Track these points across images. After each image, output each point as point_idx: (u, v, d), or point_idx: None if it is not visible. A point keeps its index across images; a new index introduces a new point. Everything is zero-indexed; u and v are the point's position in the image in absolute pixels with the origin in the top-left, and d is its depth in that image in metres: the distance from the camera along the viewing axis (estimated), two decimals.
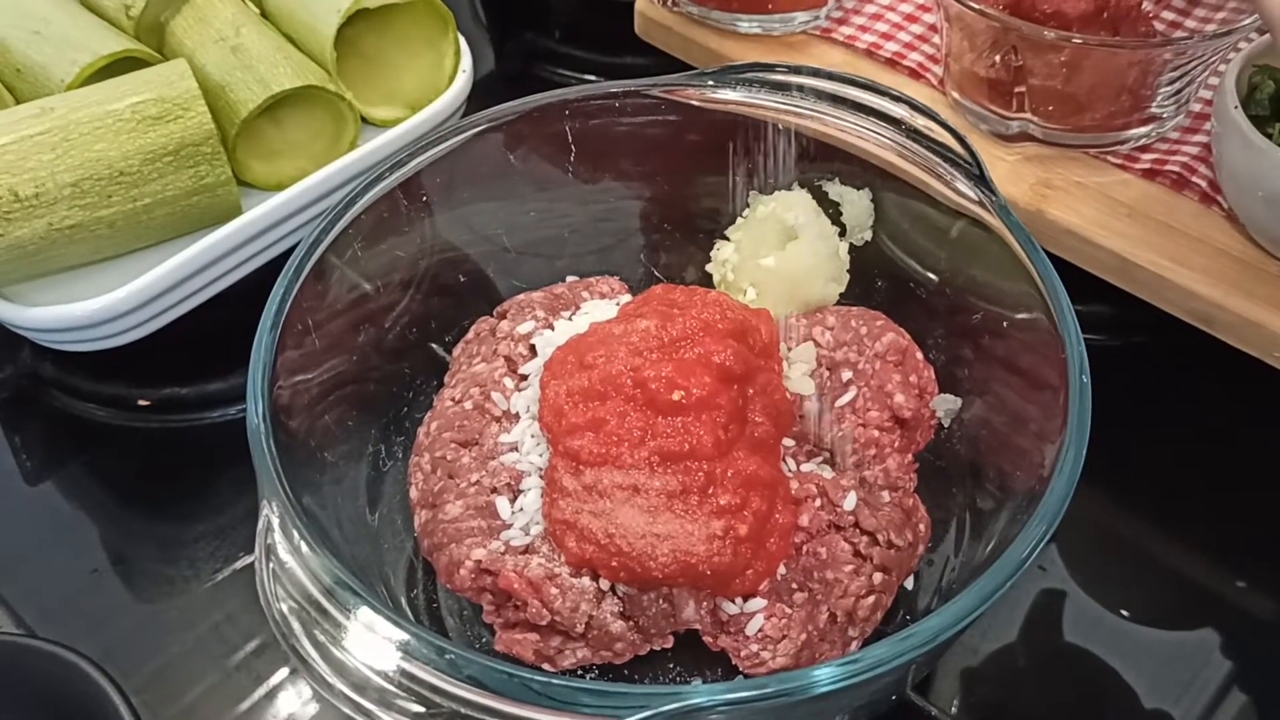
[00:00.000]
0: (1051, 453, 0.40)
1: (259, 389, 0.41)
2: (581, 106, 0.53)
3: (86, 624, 0.51)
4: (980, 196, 0.47)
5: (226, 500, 0.55)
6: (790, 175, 0.54)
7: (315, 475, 0.45)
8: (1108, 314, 0.59)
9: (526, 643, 0.43)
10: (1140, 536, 0.54)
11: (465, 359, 0.51)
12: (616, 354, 0.44)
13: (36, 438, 0.60)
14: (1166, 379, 0.58)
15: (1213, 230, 0.56)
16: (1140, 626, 0.50)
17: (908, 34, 0.66)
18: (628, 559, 0.41)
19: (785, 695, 0.34)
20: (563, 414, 0.44)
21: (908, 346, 0.49)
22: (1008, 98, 0.58)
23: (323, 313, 0.47)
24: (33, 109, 0.56)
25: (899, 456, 0.47)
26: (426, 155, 0.50)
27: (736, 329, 0.46)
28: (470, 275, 0.56)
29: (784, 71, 0.51)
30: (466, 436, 0.47)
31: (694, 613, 0.43)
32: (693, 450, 0.42)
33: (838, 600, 0.43)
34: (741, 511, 0.42)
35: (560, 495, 0.43)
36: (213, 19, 0.63)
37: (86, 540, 0.55)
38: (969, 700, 0.47)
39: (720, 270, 0.54)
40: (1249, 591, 0.51)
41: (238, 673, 0.49)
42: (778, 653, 0.42)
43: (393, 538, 0.49)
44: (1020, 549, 0.36)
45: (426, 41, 0.66)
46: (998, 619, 0.50)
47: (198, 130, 0.57)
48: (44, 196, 0.54)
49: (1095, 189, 0.58)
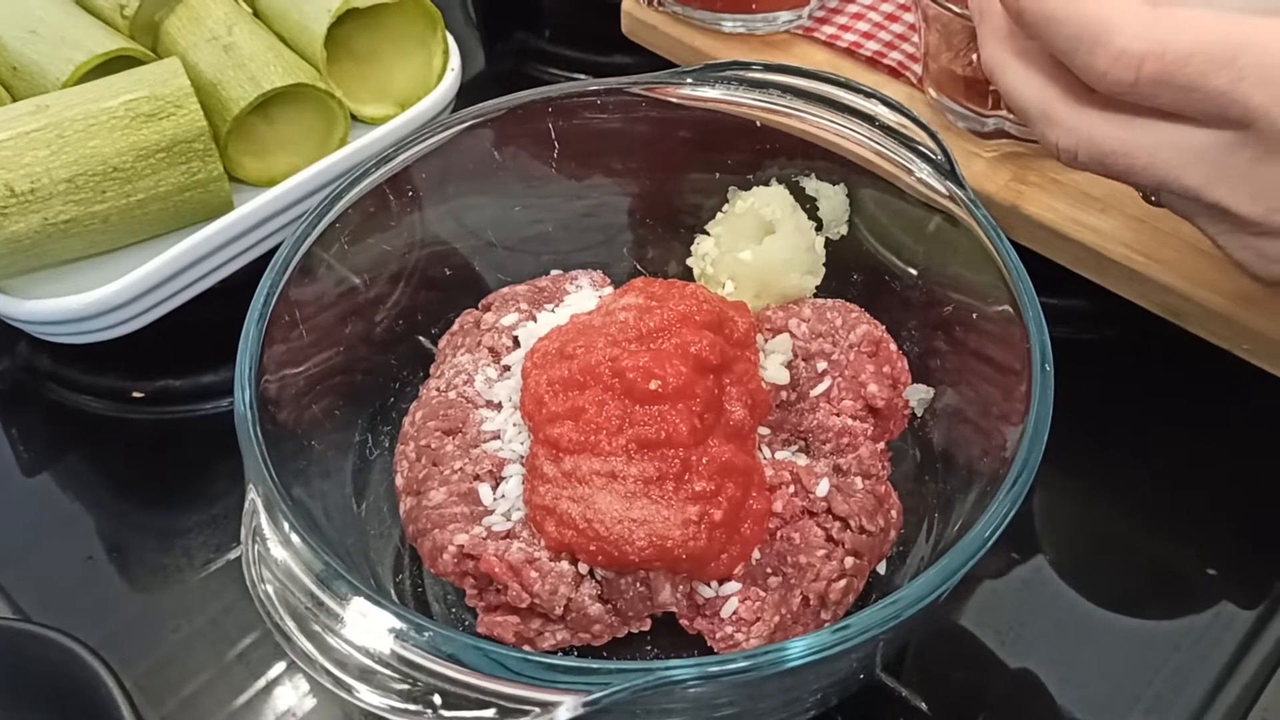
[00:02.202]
0: (1015, 436, 0.41)
1: (246, 377, 0.42)
2: (565, 104, 0.54)
3: (84, 613, 0.51)
4: (950, 191, 0.48)
5: (220, 490, 0.56)
6: (768, 171, 0.55)
7: (303, 464, 0.46)
8: (1082, 307, 0.60)
9: (507, 625, 0.44)
10: (1113, 524, 0.55)
11: (450, 350, 0.52)
12: (596, 345, 0.46)
13: (33, 429, 0.61)
14: (1139, 370, 0.59)
15: (1183, 225, 0.56)
16: (1112, 613, 0.51)
17: (888, 33, 0.67)
18: (605, 543, 0.42)
19: (756, 669, 0.34)
20: (543, 403, 0.45)
21: (881, 338, 0.51)
22: (984, 96, 0.59)
23: (310, 305, 0.48)
24: (28, 106, 0.57)
25: (872, 445, 0.48)
26: (412, 151, 0.51)
27: (714, 320, 0.47)
28: (456, 269, 0.57)
29: (761, 70, 0.52)
30: (450, 425, 0.48)
31: (670, 596, 0.44)
32: (669, 438, 0.43)
33: (810, 584, 0.44)
34: (716, 497, 0.43)
35: (540, 482, 0.44)
36: (205, 18, 0.64)
37: (83, 530, 0.56)
38: (940, 684, 0.48)
39: (700, 264, 0.55)
40: (1218, 578, 0.52)
41: (236, 664, 0.50)
42: (751, 634, 0.43)
43: (379, 525, 0.50)
44: (984, 529, 0.37)
45: (416, 40, 0.67)
46: (970, 604, 0.50)
47: (190, 127, 0.58)
48: (39, 192, 0.55)
49: (1069, 185, 0.59)
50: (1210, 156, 0.41)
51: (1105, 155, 0.43)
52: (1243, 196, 0.41)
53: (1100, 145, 0.43)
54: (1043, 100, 0.44)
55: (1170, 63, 0.39)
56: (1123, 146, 0.42)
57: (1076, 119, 0.43)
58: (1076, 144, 0.43)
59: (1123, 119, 0.42)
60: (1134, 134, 0.42)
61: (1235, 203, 0.41)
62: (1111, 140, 0.42)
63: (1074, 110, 0.43)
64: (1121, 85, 0.40)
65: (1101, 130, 0.42)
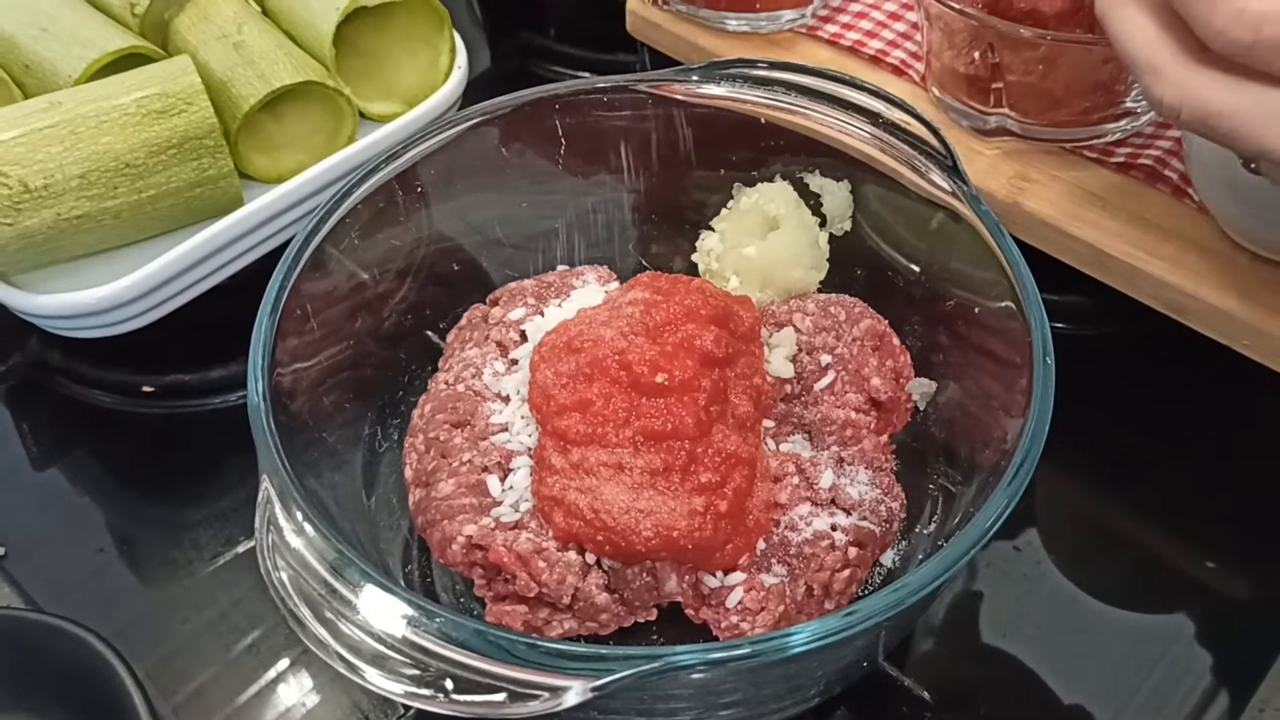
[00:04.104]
0: (1016, 429, 0.41)
1: (259, 369, 0.43)
2: (571, 101, 0.54)
3: (95, 605, 0.52)
4: (953, 187, 0.49)
5: (229, 484, 0.56)
6: (772, 168, 0.55)
7: (315, 456, 0.46)
8: (1083, 304, 0.60)
9: (515, 614, 0.44)
10: (1112, 518, 0.55)
11: (458, 344, 0.53)
12: (603, 338, 0.46)
13: (44, 423, 0.61)
14: (1140, 366, 0.60)
15: (1184, 222, 0.57)
16: (1112, 605, 0.51)
17: (891, 32, 0.68)
18: (612, 534, 0.43)
19: (761, 655, 0.35)
20: (551, 396, 0.45)
21: (885, 332, 0.51)
22: (986, 94, 0.60)
23: (321, 300, 0.49)
24: (41, 103, 0.58)
25: (875, 437, 0.49)
26: (419, 148, 0.52)
27: (719, 315, 0.47)
28: (464, 265, 0.58)
29: (765, 67, 0.53)
30: (459, 418, 0.48)
31: (676, 586, 0.45)
32: (675, 430, 0.44)
33: (814, 574, 0.44)
34: (722, 489, 0.44)
35: (548, 473, 0.44)
36: (215, 16, 0.64)
37: (94, 523, 0.56)
38: (942, 673, 0.49)
39: (705, 259, 0.55)
40: (1218, 571, 0.52)
41: (246, 655, 0.50)
42: (756, 624, 0.43)
43: (389, 517, 0.51)
44: (985, 519, 0.38)
45: (423, 39, 0.67)
46: (972, 597, 0.51)
47: (201, 124, 0.59)
48: (52, 188, 0.56)
49: (1071, 182, 0.59)
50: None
51: (1210, 116, 0.40)
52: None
53: (1207, 105, 0.40)
54: (1152, 50, 0.41)
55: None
56: (1230, 110, 0.39)
57: (1185, 75, 0.40)
58: (1181, 101, 0.40)
59: (1235, 81, 0.39)
60: (1245, 98, 0.39)
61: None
62: (1219, 102, 0.40)
63: (1184, 65, 0.40)
64: (1238, 46, 0.38)
65: (1210, 90, 0.40)
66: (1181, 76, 0.40)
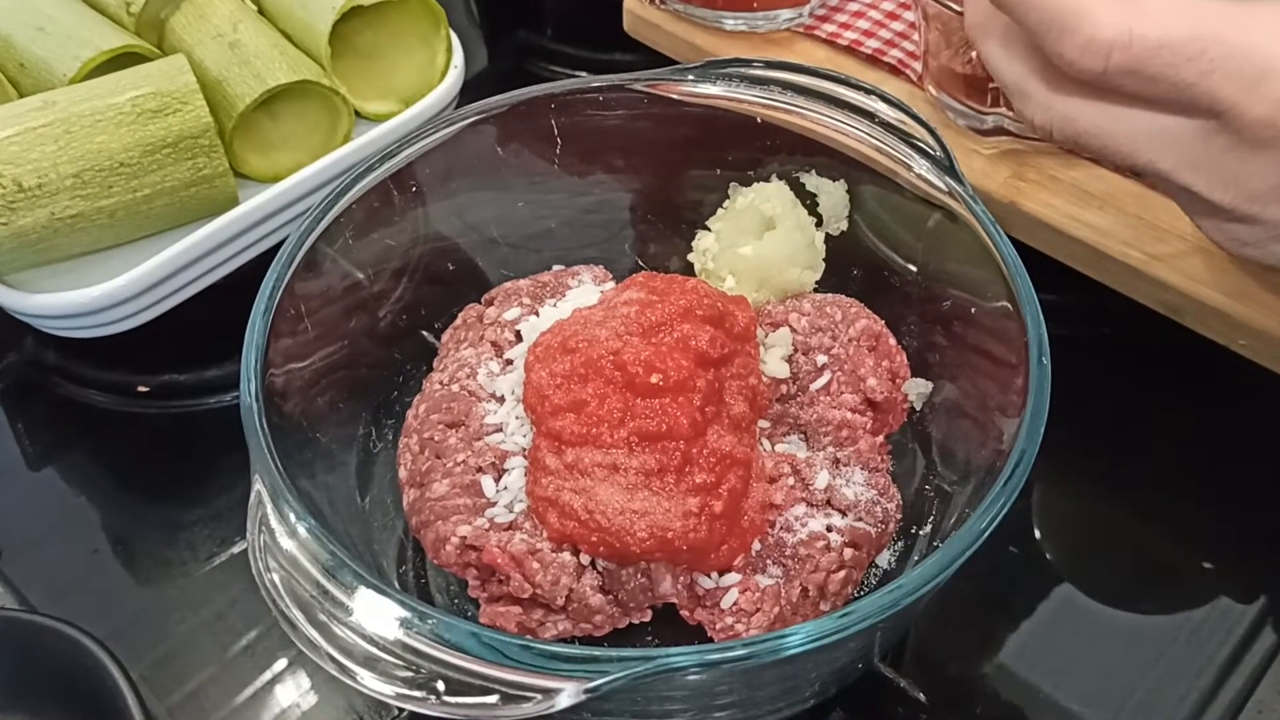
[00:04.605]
0: (1012, 429, 0.41)
1: (253, 370, 0.43)
2: (567, 100, 0.54)
3: (90, 605, 0.52)
4: (949, 187, 0.48)
5: (224, 484, 0.56)
6: (768, 167, 0.55)
7: (308, 457, 0.46)
8: (1080, 304, 0.60)
9: (510, 615, 0.44)
10: (1109, 518, 0.55)
11: (453, 344, 0.52)
12: (598, 339, 0.46)
13: (39, 423, 0.61)
14: (1136, 366, 0.60)
15: (1181, 222, 0.57)
16: (1109, 606, 0.51)
17: (888, 31, 0.68)
18: (607, 534, 0.43)
19: (756, 657, 0.35)
20: (546, 396, 0.45)
21: (881, 332, 0.51)
22: (983, 93, 0.60)
23: (315, 300, 0.49)
24: (36, 102, 0.58)
25: (871, 438, 0.49)
26: (415, 147, 0.52)
27: (714, 315, 0.47)
28: (459, 265, 0.58)
29: (762, 67, 0.53)
30: (454, 418, 0.48)
31: (671, 587, 0.45)
32: (670, 430, 0.44)
33: (810, 575, 0.44)
34: (717, 489, 0.44)
35: (543, 474, 0.44)
36: (211, 16, 0.64)
37: (89, 523, 0.56)
38: (938, 675, 0.49)
39: (701, 259, 0.55)
40: (1214, 572, 0.52)
41: (241, 655, 0.50)
42: (751, 625, 0.43)
43: (383, 517, 0.51)
44: (981, 519, 0.38)
45: (420, 38, 0.67)
46: (969, 597, 0.51)
47: (196, 123, 0.59)
48: (47, 187, 0.56)
49: (1068, 182, 0.59)
50: (1182, 143, 0.41)
51: (1079, 135, 0.43)
52: (1214, 184, 0.42)
53: (1074, 125, 0.43)
54: (1019, 77, 0.44)
55: (1138, 53, 0.39)
56: (1095, 129, 0.42)
57: (1050, 99, 0.43)
58: (1050, 122, 0.44)
59: (1096, 103, 0.42)
60: (1107, 117, 0.42)
61: (1206, 189, 0.42)
62: (1085, 121, 0.43)
63: (1049, 89, 0.43)
64: (1090, 73, 0.40)
65: (1075, 111, 0.43)
66: (1047, 100, 0.43)
